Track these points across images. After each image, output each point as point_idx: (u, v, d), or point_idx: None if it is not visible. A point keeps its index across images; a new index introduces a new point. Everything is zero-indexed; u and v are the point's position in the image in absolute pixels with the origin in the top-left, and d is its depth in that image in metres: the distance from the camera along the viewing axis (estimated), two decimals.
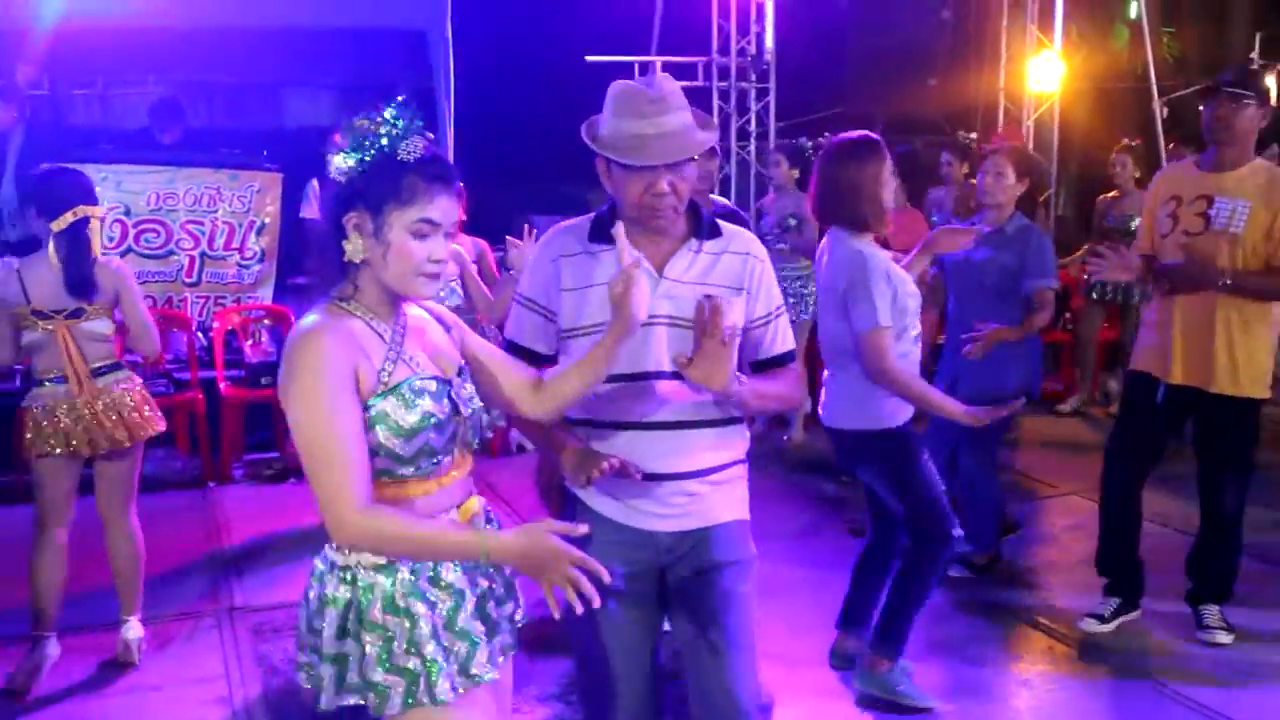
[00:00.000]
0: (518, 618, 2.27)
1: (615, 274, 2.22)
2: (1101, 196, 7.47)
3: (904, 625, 3.64)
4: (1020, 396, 3.93)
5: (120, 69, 8.46)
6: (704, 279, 2.42)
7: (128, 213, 7.00)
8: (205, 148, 7.64)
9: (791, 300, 6.36)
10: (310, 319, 1.99)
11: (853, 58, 10.50)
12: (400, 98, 2.02)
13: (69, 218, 3.87)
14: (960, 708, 3.71)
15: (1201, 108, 3.93)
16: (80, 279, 3.89)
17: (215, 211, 7.20)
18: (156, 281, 7.13)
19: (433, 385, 2.05)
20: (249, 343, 6.82)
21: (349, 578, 2.05)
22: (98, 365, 4.00)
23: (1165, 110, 9.65)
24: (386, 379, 2.00)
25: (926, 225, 5.57)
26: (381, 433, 1.98)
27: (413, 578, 2.05)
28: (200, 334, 6.99)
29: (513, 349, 2.50)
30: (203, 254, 7.21)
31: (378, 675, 2.02)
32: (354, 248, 1.99)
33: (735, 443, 2.55)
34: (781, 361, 2.56)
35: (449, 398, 2.07)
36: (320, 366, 1.93)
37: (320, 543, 2.14)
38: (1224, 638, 4.05)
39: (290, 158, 7.68)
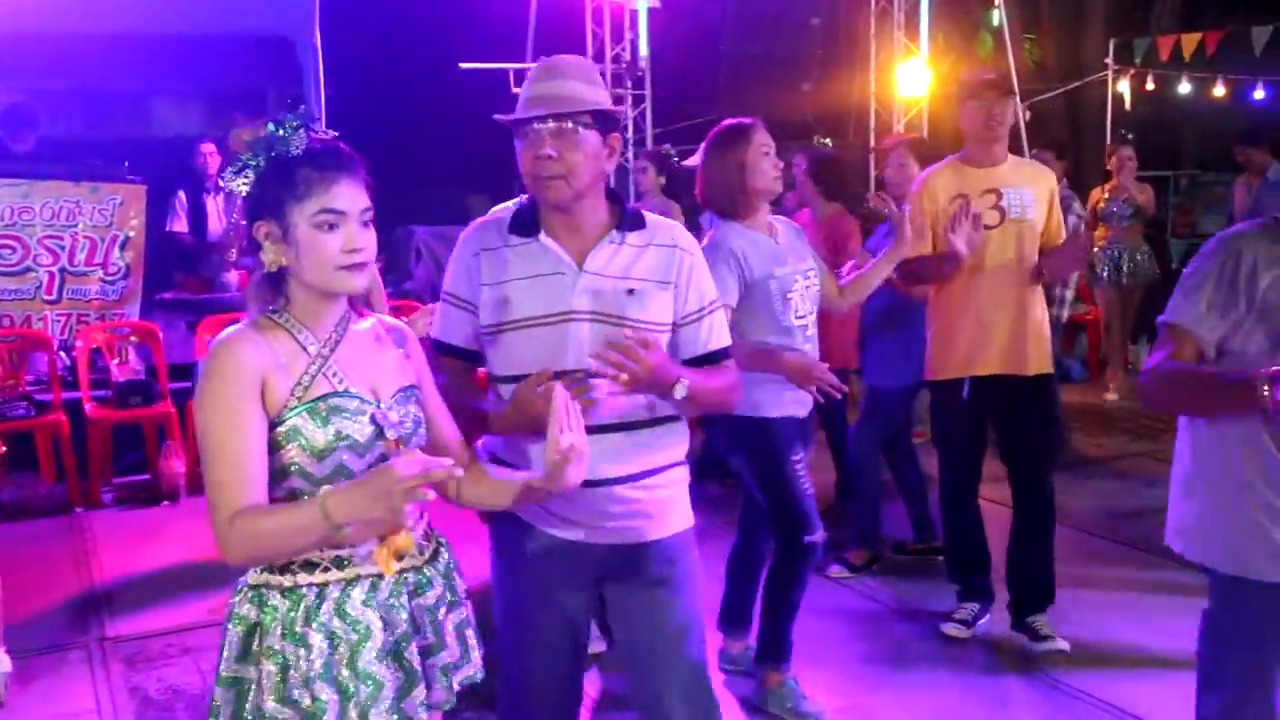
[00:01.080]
0: (461, 677, 2.11)
1: (559, 443, 1.98)
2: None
3: (780, 631, 3.62)
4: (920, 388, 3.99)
5: None
6: (627, 272, 2.34)
7: None
8: (63, 159, 7.34)
9: None
10: (229, 330, 1.95)
11: (726, 64, 10.62)
12: (294, 102, 1.98)
13: None
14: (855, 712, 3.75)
15: (969, 105, 4.01)
16: None
17: (75, 225, 6.92)
18: (13, 300, 6.82)
19: (353, 404, 1.95)
20: (115, 361, 6.56)
21: (257, 598, 1.95)
22: None
23: (1028, 114, 9.99)
24: (301, 393, 1.92)
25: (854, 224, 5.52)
26: (293, 450, 1.90)
27: (316, 604, 1.94)
28: (62, 353, 6.69)
29: (442, 349, 2.45)
30: (63, 270, 6.92)
31: (269, 706, 1.91)
32: (270, 257, 1.93)
33: (672, 443, 2.45)
34: (715, 358, 2.45)
35: (372, 420, 1.95)
36: (226, 371, 1.88)
37: (194, 567, 2.06)
38: (1061, 644, 4.04)
39: (156, 169, 7.44)
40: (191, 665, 4.11)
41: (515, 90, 8.95)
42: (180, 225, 7.71)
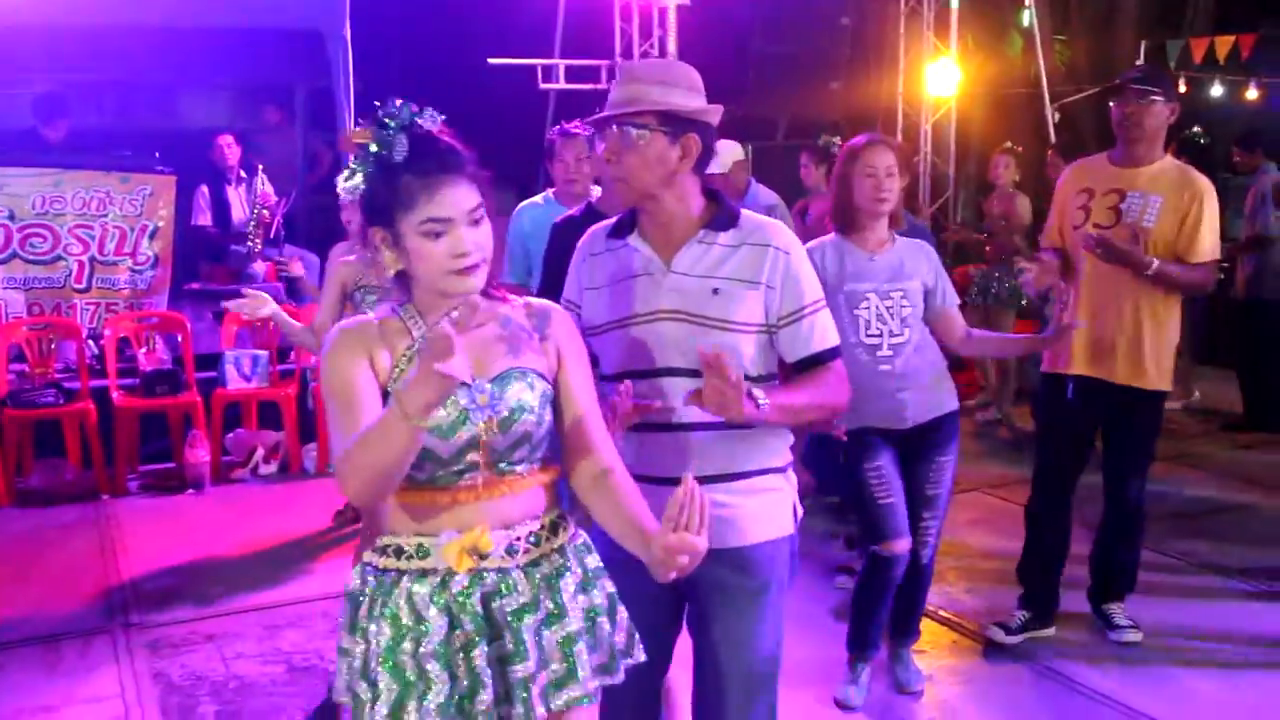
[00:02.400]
0: (565, 698, 1.97)
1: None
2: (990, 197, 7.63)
3: (855, 626, 3.76)
4: None
5: (2, 67, 8.13)
6: (715, 272, 2.31)
7: (12, 217, 6.75)
8: (94, 149, 7.39)
9: None
10: (349, 320, 2.04)
11: (755, 62, 10.60)
12: (399, 102, 1.92)
13: None
14: (865, 702, 3.74)
15: (1111, 105, 3.99)
16: None
17: (105, 215, 6.97)
18: (43, 288, 6.88)
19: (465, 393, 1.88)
20: (143, 350, 6.61)
21: (362, 574, 2.01)
22: None
23: (1057, 115, 9.92)
24: (398, 373, 1.92)
25: None
26: None
27: (391, 589, 1.95)
28: (91, 342, 6.74)
29: None
30: (92, 259, 6.97)
31: (358, 684, 1.94)
32: (388, 262, 1.96)
33: (767, 447, 2.39)
34: (819, 360, 2.36)
35: (458, 402, 1.87)
36: (337, 344, 1.94)
37: (218, 556, 2.08)
38: (1134, 635, 4.11)
39: (184, 160, 7.48)
40: (214, 652, 4.14)
41: (543, 86, 9.03)
42: (204, 219, 7.77)
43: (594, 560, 2.09)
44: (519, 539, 1.97)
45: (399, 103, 1.91)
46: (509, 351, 1.98)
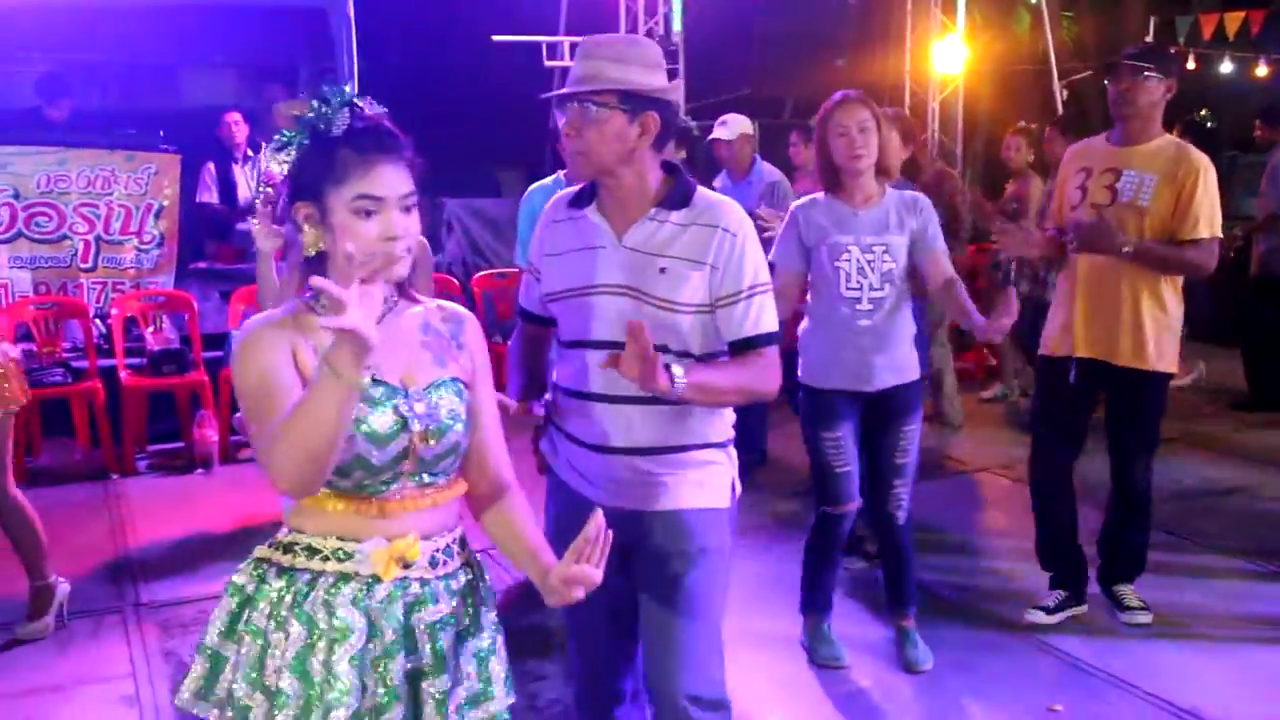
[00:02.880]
0: (479, 715, 1.95)
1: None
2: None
3: (806, 583, 3.92)
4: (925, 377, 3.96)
5: (5, 46, 8.11)
6: (664, 250, 2.35)
7: (17, 196, 6.73)
8: (98, 128, 7.38)
9: None
10: (256, 316, 1.88)
11: (761, 40, 10.55)
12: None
13: None
14: (873, 682, 3.75)
15: (1106, 83, 3.99)
16: None
17: (110, 194, 6.96)
18: (49, 267, 6.88)
19: (377, 391, 1.83)
20: (150, 330, 6.61)
21: (257, 572, 1.89)
22: None
23: (1065, 93, 9.87)
24: None
25: None
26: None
27: (306, 590, 1.84)
28: (98, 321, 6.75)
29: (520, 313, 2.63)
30: (98, 238, 6.96)
31: (239, 688, 1.82)
32: (309, 240, 1.85)
33: (705, 422, 2.44)
34: (755, 344, 2.38)
35: (395, 410, 1.83)
36: (255, 338, 1.80)
37: (227, 535, 2.06)
38: (1144, 617, 4.11)
39: (188, 139, 7.46)
40: None
41: (548, 64, 8.99)
42: (210, 197, 7.76)
43: (487, 577, 2.06)
44: (438, 550, 1.93)
45: (344, 86, 1.89)
46: (435, 360, 1.94)
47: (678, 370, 2.19)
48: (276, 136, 1.89)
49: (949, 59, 9.86)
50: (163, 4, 7.56)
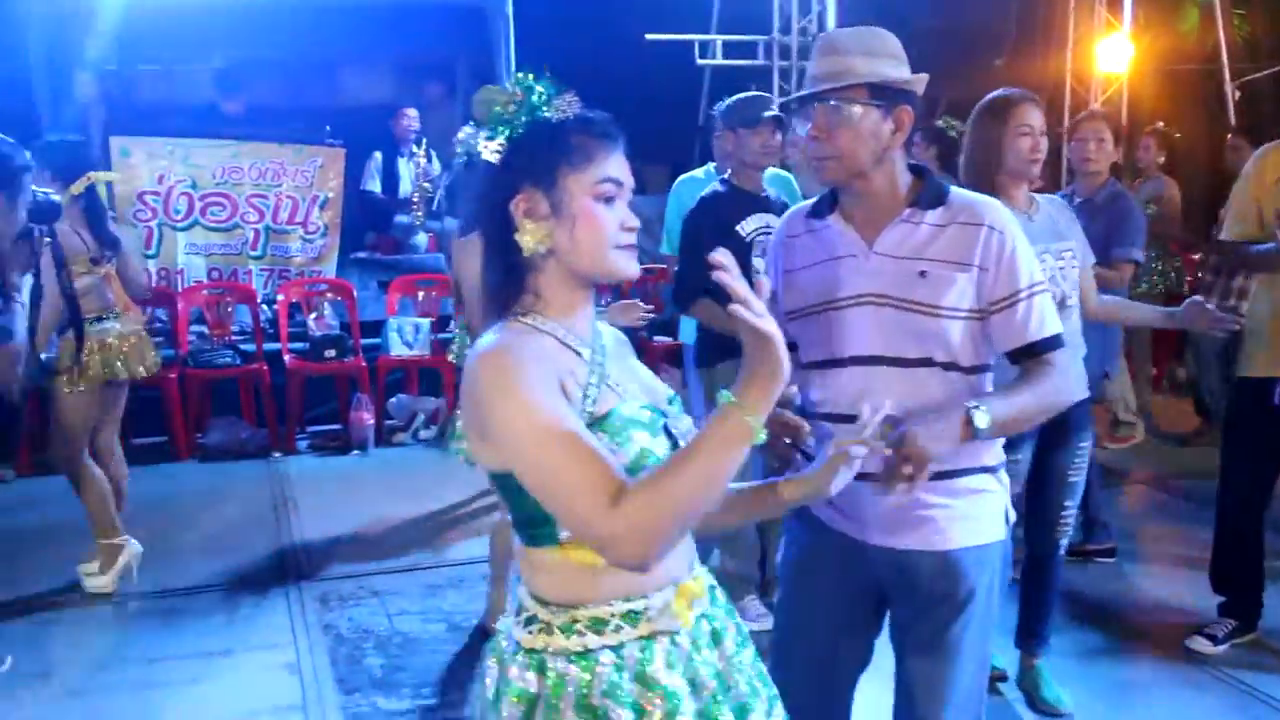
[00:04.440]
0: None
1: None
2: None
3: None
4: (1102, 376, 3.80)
5: (185, 45, 8.55)
6: (921, 253, 2.13)
7: (194, 186, 7.09)
8: (269, 122, 7.73)
9: None
10: (488, 338, 1.57)
11: (917, 37, 10.31)
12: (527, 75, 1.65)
13: (84, 182, 4.26)
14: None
15: None
16: (108, 233, 4.37)
17: (279, 186, 7.28)
18: (221, 254, 7.23)
19: (646, 415, 1.62)
20: (312, 316, 6.89)
21: (537, 665, 1.60)
22: (115, 309, 4.46)
23: (1237, 93, 9.45)
24: (592, 407, 1.57)
25: None
26: None
27: (615, 673, 1.57)
28: (265, 306, 7.07)
29: None
30: (267, 227, 7.29)
31: None
32: (532, 238, 1.59)
33: (976, 445, 2.13)
34: (1035, 351, 2.14)
35: (665, 432, 1.64)
36: (520, 371, 1.50)
37: (382, 516, 2.07)
38: None
39: (351, 133, 7.76)
40: (379, 608, 4.30)
41: (700, 62, 8.99)
42: (374, 185, 8.05)
43: None
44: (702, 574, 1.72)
45: (545, 77, 1.67)
46: (648, 371, 1.78)
47: (981, 417, 1.98)
48: (486, 123, 1.65)
49: (1113, 57, 9.53)
50: (329, 3, 7.87)
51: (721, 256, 1.44)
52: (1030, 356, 2.15)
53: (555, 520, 1.53)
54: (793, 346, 2.30)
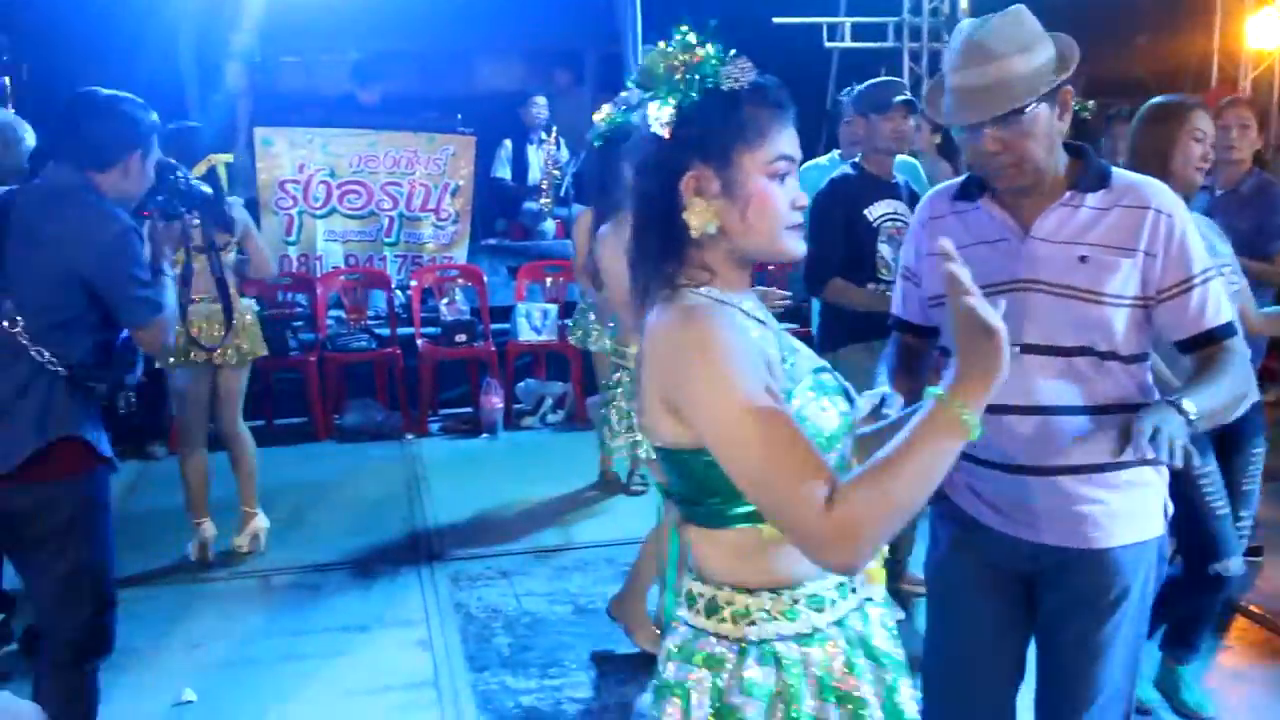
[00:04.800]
0: None
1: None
2: None
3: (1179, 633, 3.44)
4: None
5: (324, 37, 8.81)
6: (1081, 237, 2.05)
7: (332, 174, 7.31)
8: (403, 111, 7.92)
9: None
10: (676, 308, 1.49)
11: (1053, 15, 10.04)
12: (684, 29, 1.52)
13: (205, 164, 4.41)
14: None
15: None
16: (223, 215, 4.43)
17: (413, 174, 7.45)
18: (357, 241, 7.44)
19: (830, 377, 1.57)
20: (444, 301, 7.05)
21: (769, 656, 1.50)
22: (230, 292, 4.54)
23: None
24: (791, 370, 1.52)
25: None
26: None
27: (850, 650, 1.53)
28: (398, 292, 7.26)
29: (896, 323, 2.35)
30: (401, 215, 7.48)
31: None
32: (702, 217, 1.49)
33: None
34: (1212, 339, 2.04)
35: (845, 392, 1.59)
36: (726, 343, 1.42)
37: (511, 499, 2.03)
38: None
39: (481, 121, 7.89)
40: (508, 588, 4.40)
41: (828, 45, 8.84)
42: (504, 172, 8.19)
43: None
44: None
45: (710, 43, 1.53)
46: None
47: (1190, 406, 1.90)
48: (651, 90, 1.54)
49: (1265, 34, 9.10)
50: None
51: (947, 244, 1.42)
52: (1208, 345, 2.06)
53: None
54: (933, 331, 2.29)
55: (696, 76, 1.50)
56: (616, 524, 4.95)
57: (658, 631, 3.58)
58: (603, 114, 3.73)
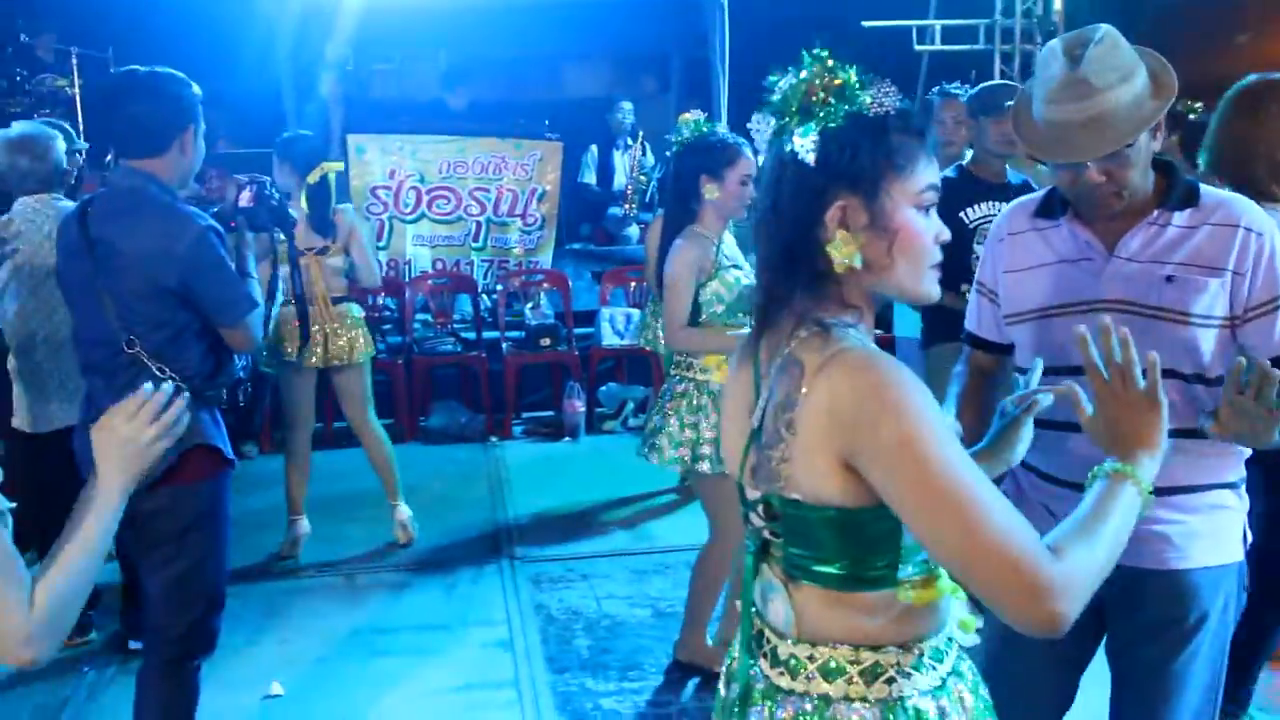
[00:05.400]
0: None
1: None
2: None
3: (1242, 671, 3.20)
4: None
5: (414, 44, 8.96)
6: (1168, 257, 2.01)
7: (422, 180, 7.43)
8: (491, 117, 8.02)
9: None
10: (860, 346, 1.40)
11: (1151, 14, 9.83)
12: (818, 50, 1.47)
13: (318, 172, 4.60)
14: None
15: None
16: (324, 221, 4.66)
17: (500, 179, 7.55)
18: (445, 245, 7.55)
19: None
20: (529, 306, 7.12)
21: (909, 712, 1.45)
22: (335, 295, 4.72)
23: None
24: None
25: None
26: None
27: (973, 694, 1.53)
28: (484, 296, 7.35)
29: (970, 339, 2.33)
30: (488, 220, 7.57)
31: None
32: (846, 251, 1.42)
33: (1221, 459, 2.06)
34: None
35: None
36: (922, 399, 1.35)
37: (592, 502, 2.00)
38: None
39: (568, 127, 7.97)
40: (588, 591, 4.43)
41: (918, 48, 8.76)
42: (590, 178, 8.25)
43: None
44: None
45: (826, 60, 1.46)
46: None
47: None
48: (784, 114, 1.47)
49: None
50: (548, 1, 8.10)
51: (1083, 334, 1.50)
52: None
53: (895, 559, 1.43)
54: (1009, 349, 2.25)
55: (840, 102, 1.43)
56: (697, 528, 4.91)
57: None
58: (687, 118, 3.73)
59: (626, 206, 8.15)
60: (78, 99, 7.43)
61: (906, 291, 1.47)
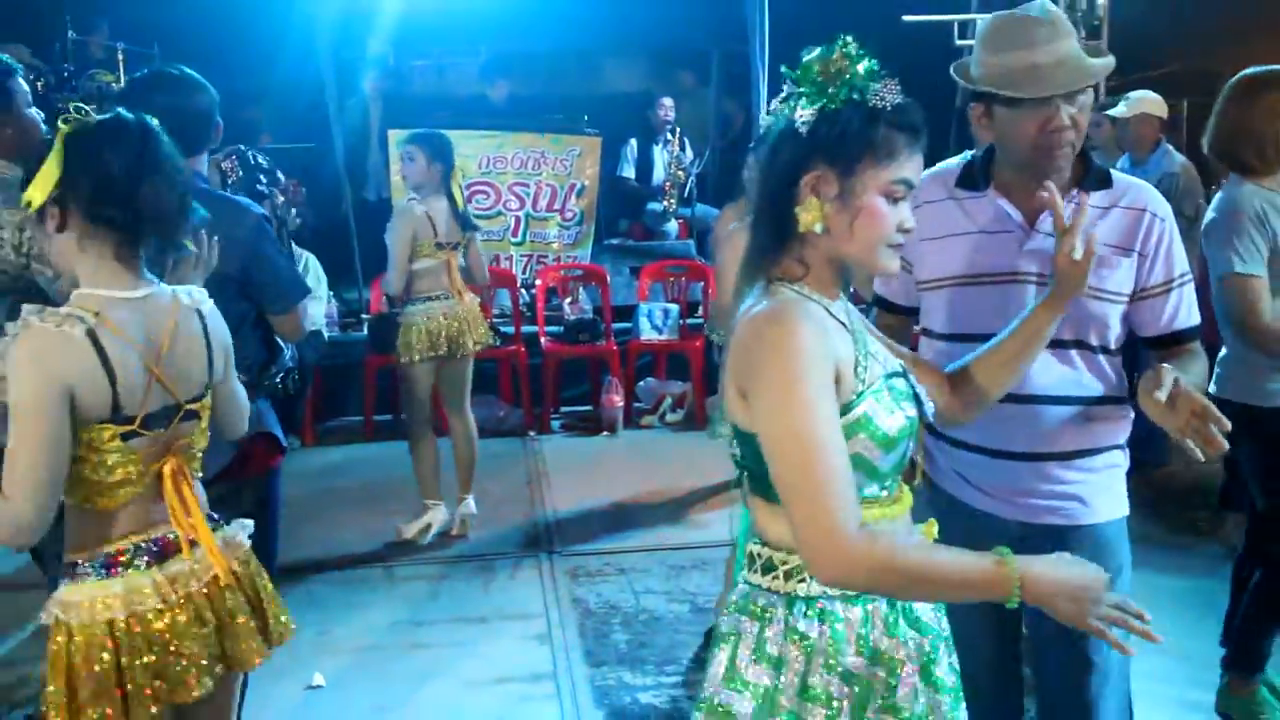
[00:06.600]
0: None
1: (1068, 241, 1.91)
2: None
3: (1253, 640, 3.29)
4: None
5: (454, 39, 8.99)
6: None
7: (462, 175, 7.44)
8: (531, 113, 8.04)
9: None
10: (767, 302, 1.60)
11: (1197, 8, 9.70)
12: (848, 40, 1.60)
13: (457, 174, 4.90)
14: None
15: None
16: (468, 216, 4.96)
17: (539, 174, 7.57)
18: (485, 240, 7.55)
19: (902, 383, 1.67)
20: (567, 300, 7.14)
21: (816, 612, 1.60)
22: (446, 293, 4.88)
23: None
24: (864, 374, 1.60)
25: None
26: (861, 442, 1.58)
27: (889, 611, 1.64)
28: (523, 290, 7.38)
29: (880, 303, 2.42)
30: (527, 214, 7.60)
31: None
32: (810, 215, 1.59)
33: (1113, 424, 2.24)
34: (1181, 339, 2.19)
35: (915, 397, 1.69)
36: (804, 351, 1.52)
37: (630, 497, 2.07)
38: None
39: (607, 122, 7.97)
40: (626, 585, 4.45)
41: (959, 43, 8.68)
42: (629, 172, 8.26)
43: None
44: None
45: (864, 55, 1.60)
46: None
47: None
48: (805, 89, 1.61)
49: None
50: None
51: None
52: (1176, 344, 2.19)
53: None
54: (914, 312, 2.36)
55: (845, 85, 1.58)
56: (734, 524, 4.96)
57: None
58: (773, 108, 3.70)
59: (665, 202, 8.15)
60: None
61: (862, 263, 1.65)
